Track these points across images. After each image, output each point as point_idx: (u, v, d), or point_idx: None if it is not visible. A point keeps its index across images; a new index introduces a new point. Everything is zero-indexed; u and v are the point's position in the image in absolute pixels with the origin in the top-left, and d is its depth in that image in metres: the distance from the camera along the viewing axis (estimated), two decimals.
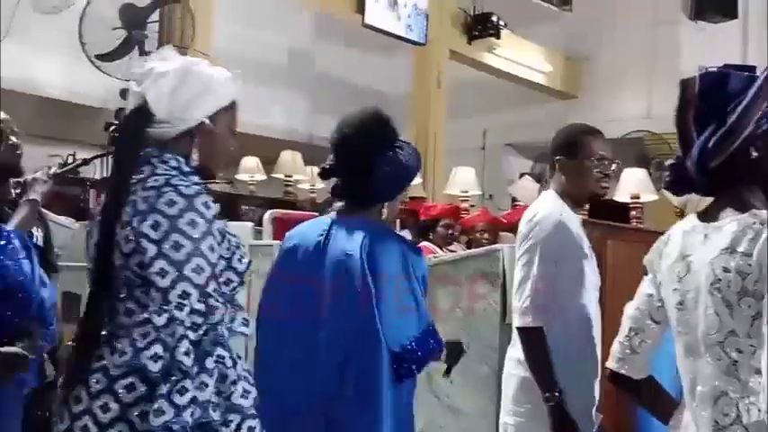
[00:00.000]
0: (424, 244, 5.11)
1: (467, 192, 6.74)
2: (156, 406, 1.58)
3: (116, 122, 3.21)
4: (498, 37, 8.05)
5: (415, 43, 7.44)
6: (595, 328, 2.49)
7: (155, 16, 5.24)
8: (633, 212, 5.85)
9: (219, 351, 1.66)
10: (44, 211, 3.08)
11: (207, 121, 1.78)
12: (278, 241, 3.52)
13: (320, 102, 9.20)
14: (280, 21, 8.46)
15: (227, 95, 1.83)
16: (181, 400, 1.58)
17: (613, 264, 3.05)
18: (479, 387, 3.29)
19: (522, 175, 8.06)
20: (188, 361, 1.60)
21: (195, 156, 1.77)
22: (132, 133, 1.75)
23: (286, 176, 6.48)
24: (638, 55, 8.73)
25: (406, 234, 5.53)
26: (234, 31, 7.50)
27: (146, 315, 1.63)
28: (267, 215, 4.06)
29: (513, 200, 7.28)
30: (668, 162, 1.78)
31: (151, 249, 1.63)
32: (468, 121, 8.95)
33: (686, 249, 1.67)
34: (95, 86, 6.02)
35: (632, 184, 5.91)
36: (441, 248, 5.03)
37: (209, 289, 1.66)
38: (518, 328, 2.42)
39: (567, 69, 9.31)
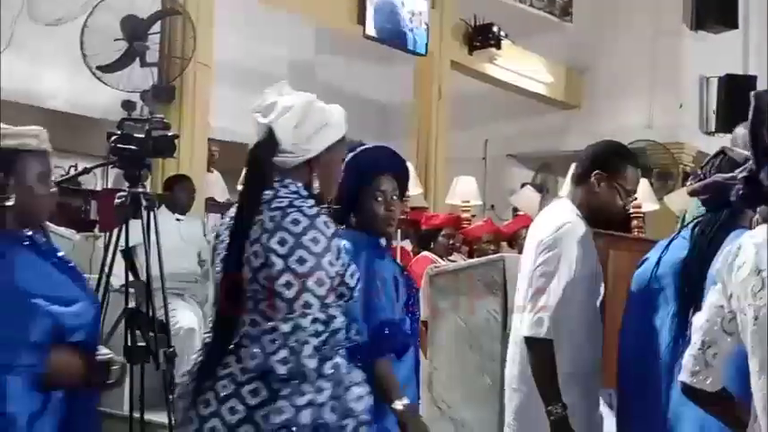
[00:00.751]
0: (424, 254, 5.10)
1: (468, 202, 6.73)
2: (277, 405, 1.77)
3: (118, 132, 3.20)
4: (499, 47, 8.06)
5: (416, 54, 7.45)
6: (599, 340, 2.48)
7: (156, 27, 5.25)
8: (635, 222, 5.84)
9: (337, 358, 1.86)
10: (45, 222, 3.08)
11: (325, 153, 2.00)
12: None
13: None
14: (280, 32, 8.48)
15: (341, 129, 2.05)
16: (300, 401, 1.78)
17: (615, 273, 3.03)
18: (481, 398, 3.28)
19: (523, 185, 8.08)
20: (312, 364, 1.80)
21: (316, 184, 1.99)
22: (262, 161, 1.95)
23: None
24: (640, 65, 8.74)
25: (407, 244, 5.52)
26: (235, 43, 7.52)
27: (272, 324, 1.82)
28: None
29: (515, 210, 7.28)
30: (741, 175, 1.75)
31: (278, 263, 1.82)
32: (469, 132, 8.96)
33: (761, 264, 1.62)
34: (97, 98, 6.03)
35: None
36: (442, 258, 5.03)
37: (329, 300, 1.86)
38: (527, 338, 2.37)
39: (569, 80, 9.32)
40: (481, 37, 7.99)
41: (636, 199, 2.61)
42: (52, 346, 1.98)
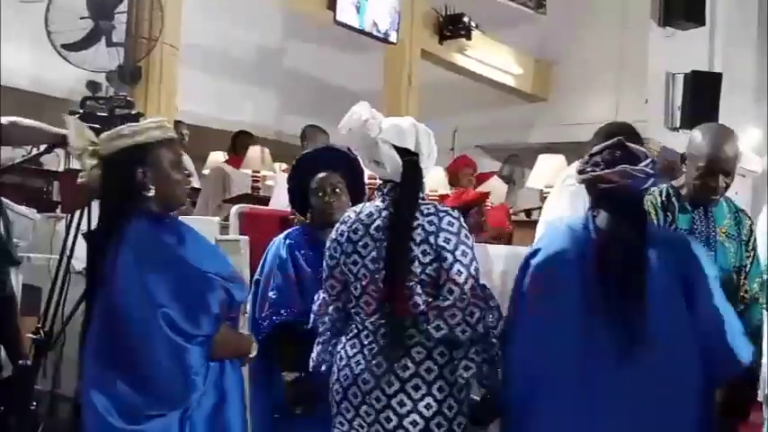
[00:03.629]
0: None
1: (436, 191, 6.74)
2: (463, 364, 2.33)
3: (80, 111, 3.16)
4: (469, 38, 8.07)
5: (386, 42, 7.43)
6: None
7: (123, 7, 5.17)
8: None
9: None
10: (4, 200, 3.03)
11: None
12: (245, 236, 3.48)
13: (290, 99, 9.15)
14: (250, 17, 8.40)
15: None
16: (479, 358, 2.34)
17: None
18: None
19: (491, 175, 8.11)
20: (482, 329, 2.33)
21: (426, 190, 2.55)
22: (417, 179, 2.44)
23: (254, 172, 6.43)
24: (607, 60, 8.80)
25: None
26: (204, 27, 7.43)
27: (449, 302, 2.32)
28: (234, 210, 4.01)
29: None
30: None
31: (449, 257, 2.33)
32: (438, 122, 8.94)
33: None
34: (61, 77, 5.93)
35: None
36: None
37: (481, 282, 2.38)
38: None
39: (538, 72, 9.36)
40: (452, 27, 7.99)
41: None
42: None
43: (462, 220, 2.39)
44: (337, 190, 2.92)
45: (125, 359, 2.09)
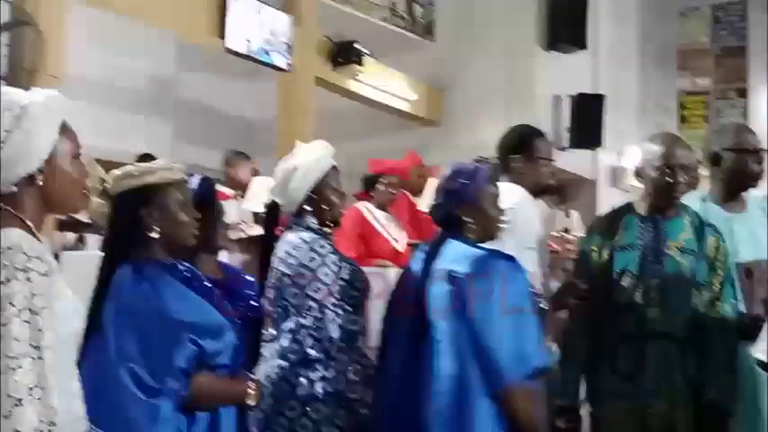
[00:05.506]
0: (356, 204, 5.00)
1: None
2: None
3: None
4: (362, 64, 8.13)
5: (278, 69, 7.41)
6: None
7: (3, 39, 5.00)
8: None
9: None
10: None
11: None
12: None
13: (183, 128, 9.00)
14: (139, 46, 8.24)
15: None
16: None
17: None
18: None
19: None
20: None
21: None
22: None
23: None
24: (497, 83, 9.02)
25: None
26: (91, 57, 7.25)
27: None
28: None
29: None
30: None
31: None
32: (337, 148, 8.95)
33: None
34: None
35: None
36: (382, 209, 4.95)
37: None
38: None
39: (430, 97, 9.50)
40: (344, 53, 8.04)
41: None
42: (197, 371, 2.16)
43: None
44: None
45: (104, 413, 2.06)
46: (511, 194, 2.91)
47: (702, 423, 2.93)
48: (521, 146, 3.34)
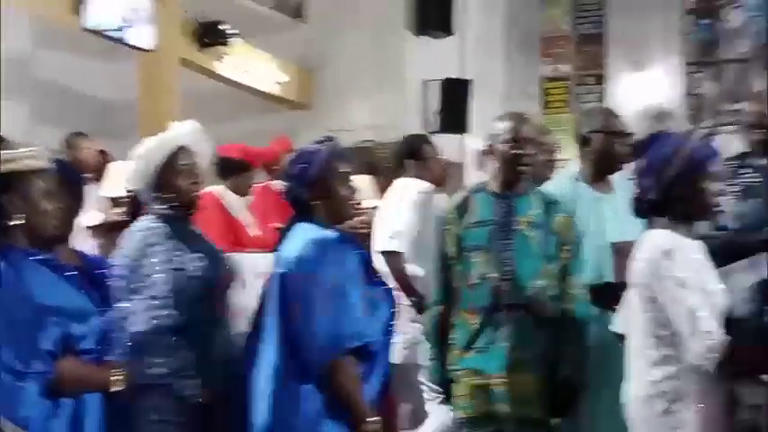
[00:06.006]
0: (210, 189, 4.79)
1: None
2: None
3: None
4: (227, 45, 7.98)
5: (140, 49, 7.15)
6: None
7: None
8: (359, 218, 6.00)
9: None
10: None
11: None
12: None
13: (41, 111, 8.59)
14: None
15: None
16: None
17: None
18: None
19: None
20: None
21: None
22: None
23: None
24: (367, 67, 9.04)
25: None
26: None
27: None
28: None
29: None
30: None
31: None
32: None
33: None
34: None
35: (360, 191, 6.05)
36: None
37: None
38: None
39: (301, 79, 9.43)
40: (210, 34, 7.85)
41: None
42: (63, 355, 2.17)
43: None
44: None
45: None
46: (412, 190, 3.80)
47: (556, 395, 3.06)
48: (411, 152, 4.33)
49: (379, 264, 4.34)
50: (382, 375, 2.51)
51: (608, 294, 3.11)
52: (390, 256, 4.22)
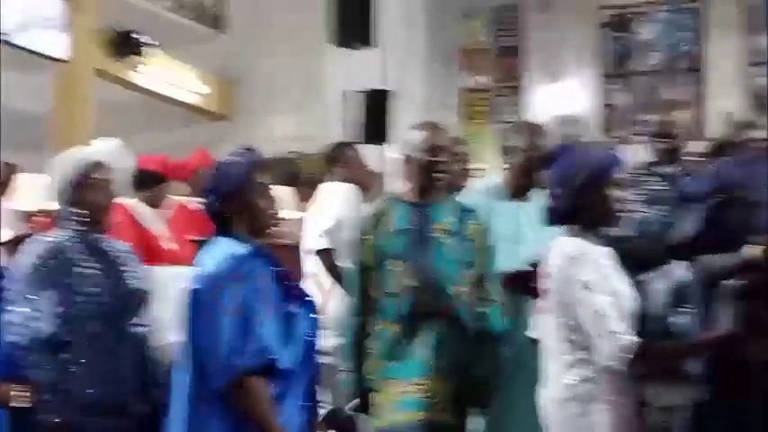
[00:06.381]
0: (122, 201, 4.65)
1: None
2: None
3: None
4: (141, 55, 7.86)
5: (55, 60, 6.99)
6: None
7: None
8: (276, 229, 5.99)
9: None
10: None
11: None
12: None
13: None
14: None
15: None
16: None
17: None
18: None
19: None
20: None
21: None
22: None
23: None
24: (289, 78, 9.02)
25: None
26: None
27: None
28: None
29: None
30: None
31: None
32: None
33: None
34: None
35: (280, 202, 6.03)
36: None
37: None
38: None
39: (222, 91, 9.36)
40: (128, 45, 7.73)
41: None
42: None
43: None
44: None
45: None
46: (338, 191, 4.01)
47: (472, 398, 3.13)
48: (337, 157, 4.58)
49: (312, 264, 4.39)
50: (305, 393, 2.44)
51: (519, 280, 3.19)
52: (322, 254, 4.26)
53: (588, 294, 2.44)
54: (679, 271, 3.22)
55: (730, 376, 2.30)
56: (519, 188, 3.52)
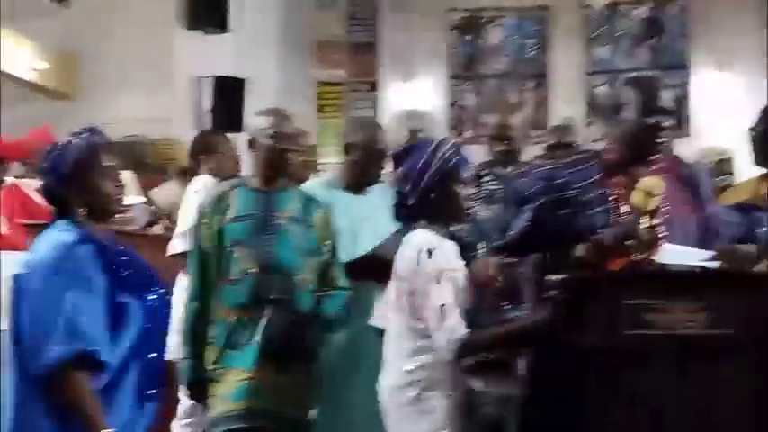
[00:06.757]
0: None
1: None
2: None
3: None
4: None
5: None
6: None
7: None
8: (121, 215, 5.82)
9: None
10: None
11: None
12: None
13: None
14: None
15: None
16: None
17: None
18: None
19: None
20: None
21: None
22: None
23: None
24: (136, 58, 8.74)
25: None
26: None
27: None
28: None
29: None
30: None
31: None
32: None
33: None
34: None
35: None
36: None
37: None
38: None
39: (63, 67, 8.94)
40: None
41: None
42: None
43: None
44: None
45: None
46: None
47: (310, 387, 3.17)
48: (205, 148, 4.53)
49: None
50: (147, 382, 2.37)
51: (362, 267, 3.27)
52: (181, 258, 3.95)
53: (434, 287, 2.52)
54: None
55: (549, 367, 2.43)
56: (356, 182, 3.54)
